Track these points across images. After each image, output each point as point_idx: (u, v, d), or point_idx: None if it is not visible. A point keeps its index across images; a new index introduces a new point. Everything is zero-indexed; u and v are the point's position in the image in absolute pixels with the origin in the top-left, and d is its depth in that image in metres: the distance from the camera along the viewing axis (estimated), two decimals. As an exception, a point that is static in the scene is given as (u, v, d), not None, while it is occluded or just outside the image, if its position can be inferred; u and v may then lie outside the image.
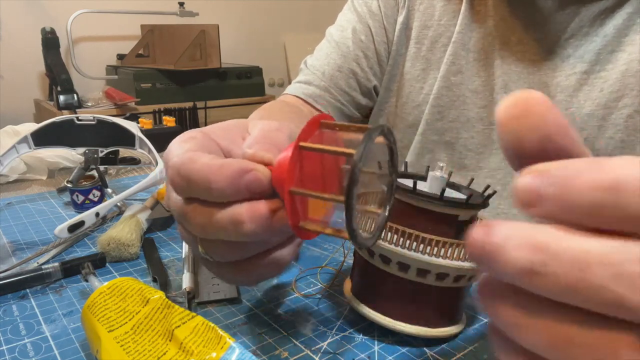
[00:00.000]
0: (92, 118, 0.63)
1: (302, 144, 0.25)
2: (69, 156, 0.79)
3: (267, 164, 0.27)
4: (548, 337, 0.15)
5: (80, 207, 0.63)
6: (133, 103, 2.07)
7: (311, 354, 0.35)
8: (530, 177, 0.16)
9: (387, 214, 0.28)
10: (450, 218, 0.34)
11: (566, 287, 0.14)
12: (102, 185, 0.65)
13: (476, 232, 0.16)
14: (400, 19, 0.64)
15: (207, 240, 0.29)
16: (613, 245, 0.14)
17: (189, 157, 0.27)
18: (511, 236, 0.15)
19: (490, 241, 0.16)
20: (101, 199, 0.64)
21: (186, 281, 0.43)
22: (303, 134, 0.25)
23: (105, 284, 0.35)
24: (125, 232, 0.50)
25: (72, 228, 0.49)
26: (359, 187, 0.22)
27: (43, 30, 1.99)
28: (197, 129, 0.32)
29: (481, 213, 0.37)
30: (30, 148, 0.62)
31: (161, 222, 0.58)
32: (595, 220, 0.15)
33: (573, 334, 0.15)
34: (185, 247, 0.49)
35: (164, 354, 0.31)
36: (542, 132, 0.16)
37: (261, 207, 0.26)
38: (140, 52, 2.40)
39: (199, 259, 0.32)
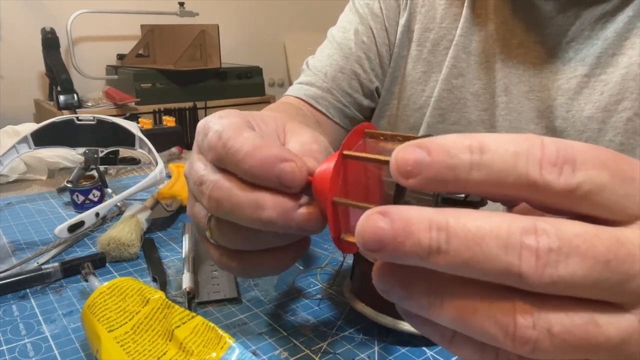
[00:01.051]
0: (92, 118, 0.63)
1: (345, 152, 0.24)
2: (69, 156, 0.79)
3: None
4: (457, 312, 0.17)
5: (80, 207, 0.63)
6: (133, 103, 2.07)
7: (311, 354, 0.35)
8: (410, 149, 0.17)
9: None
10: None
11: (467, 260, 0.16)
12: (102, 185, 0.65)
13: (373, 222, 0.17)
14: (401, 21, 0.64)
15: (219, 221, 0.29)
16: (501, 220, 0.16)
17: (235, 126, 0.27)
18: (413, 219, 0.17)
19: (394, 227, 0.17)
20: (101, 199, 0.64)
21: (186, 281, 0.43)
22: (346, 143, 0.25)
23: (105, 284, 0.35)
24: (125, 232, 0.50)
25: (72, 228, 0.49)
26: (405, 198, 0.22)
27: (43, 30, 1.99)
28: (238, 111, 0.32)
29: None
30: (30, 148, 0.62)
31: (161, 222, 0.58)
32: (469, 183, 0.17)
33: (477, 306, 0.17)
34: (185, 247, 0.49)
35: (164, 354, 0.31)
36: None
37: (287, 198, 0.26)
38: (140, 52, 2.40)
39: (200, 238, 0.32)
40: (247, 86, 2.39)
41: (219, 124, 0.28)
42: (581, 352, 0.17)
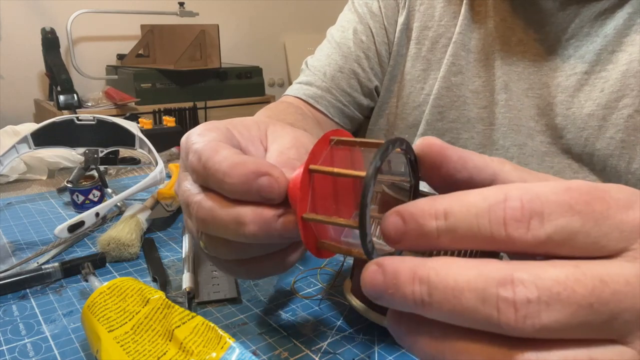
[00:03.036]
0: (92, 118, 0.63)
1: (311, 167, 0.24)
2: (69, 156, 0.79)
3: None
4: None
5: (80, 207, 0.63)
6: (133, 103, 2.06)
7: (311, 354, 0.35)
8: (392, 219, 0.19)
9: None
10: None
11: (450, 312, 0.16)
12: (102, 185, 0.65)
13: (371, 273, 0.18)
14: (400, 19, 0.64)
15: (209, 235, 0.29)
16: (479, 272, 0.16)
17: (212, 146, 0.28)
18: (400, 272, 0.17)
19: (386, 280, 0.18)
20: (101, 199, 0.64)
21: (186, 281, 0.43)
22: (313, 154, 0.25)
23: (105, 284, 0.35)
24: (125, 232, 0.50)
25: (72, 228, 0.49)
26: (371, 210, 0.22)
27: (43, 30, 1.99)
28: (221, 121, 0.32)
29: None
30: (30, 148, 0.62)
31: (161, 222, 0.58)
32: (441, 246, 0.18)
33: (480, 355, 0.17)
34: (185, 247, 0.49)
35: (164, 354, 0.31)
36: (440, 172, 0.21)
37: (266, 211, 0.26)
38: (140, 52, 2.40)
39: (199, 248, 0.32)
40: (247, 86, 2.39)
41: (199, 142, 0.28)
42: None
